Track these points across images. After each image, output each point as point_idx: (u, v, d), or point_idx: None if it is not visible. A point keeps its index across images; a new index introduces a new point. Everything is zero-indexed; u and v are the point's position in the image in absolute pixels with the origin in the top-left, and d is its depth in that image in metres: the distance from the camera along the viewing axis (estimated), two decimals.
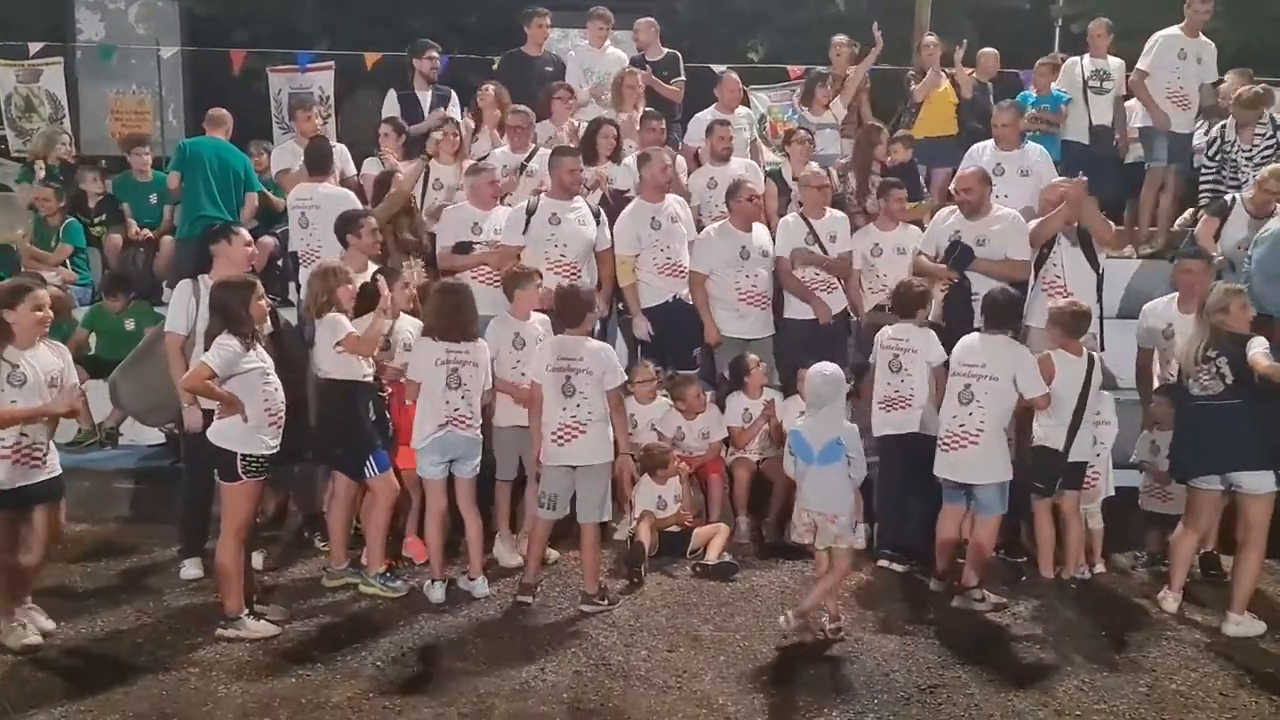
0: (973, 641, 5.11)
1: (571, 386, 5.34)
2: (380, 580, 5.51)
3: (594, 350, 5.43)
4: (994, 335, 5.52)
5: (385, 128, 7.65)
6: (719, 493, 6.49)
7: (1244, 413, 5.08)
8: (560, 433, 5.36)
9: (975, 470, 5.42)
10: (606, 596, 5.45)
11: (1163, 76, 8.21)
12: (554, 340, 5.52)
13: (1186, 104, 8.26)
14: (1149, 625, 5.32)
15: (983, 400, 5.37)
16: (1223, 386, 5.15)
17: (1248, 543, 5.21)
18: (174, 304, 5.72)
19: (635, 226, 6.76)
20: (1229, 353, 5.13)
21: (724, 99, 8.38)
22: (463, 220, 6.75)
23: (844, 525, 5.00)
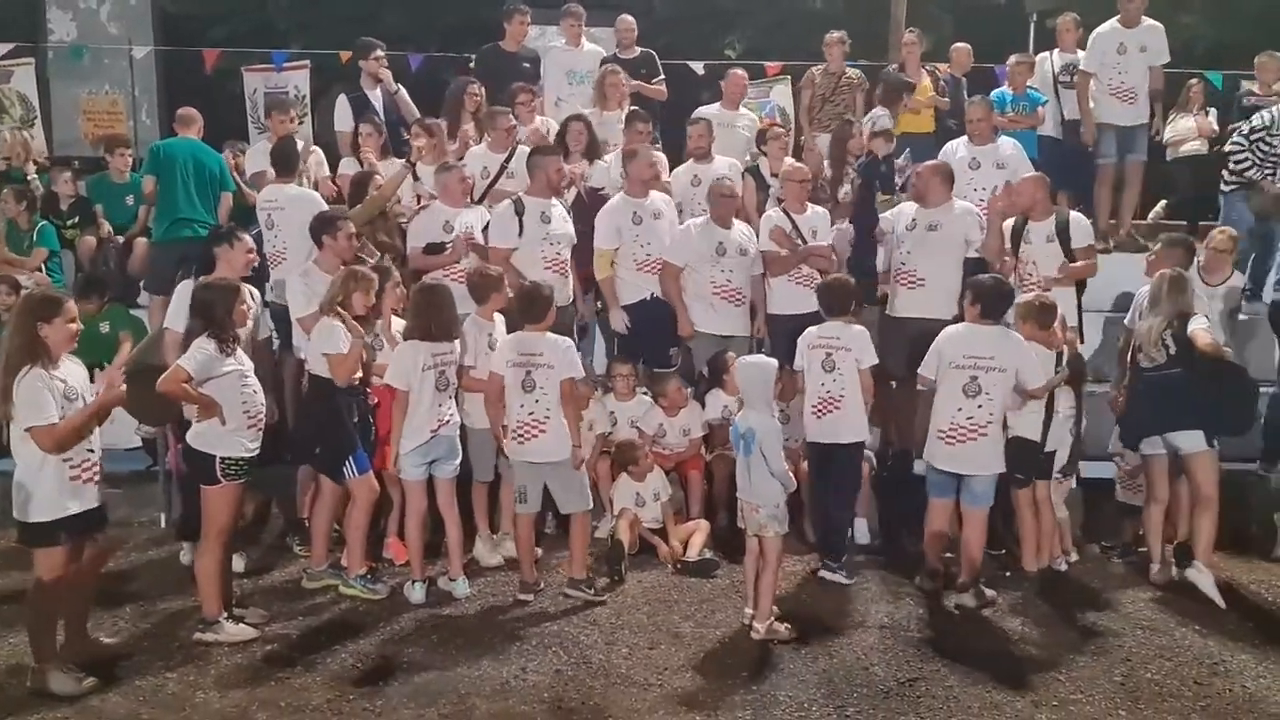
0: (951, 635, 5.15)
1: (531, 381, 5.39)
2: (361, 582, 5.50)
3: (553, 343, 5.46)
4: (990, 326, 5.51)
5: (365, 127, 7.60)
6: (699, 490, 6.52)
7: (1180, 380, 5.55)
8: (520, 430, 5.42)
9: (977, 462, 5.45)
10: (593, 586, 5.48)
11: (1105, 74, 8.24)
12: (514, 336, 5.55)
13: (1132, 97, 8.26)
14: (1124, 616, 5.38)
15: (991, 392, 5.40)
16: (1165, 357, 5.60)
17: (1199, 502, 5.61)
18: (175, 301, 5.67)
19: (616, 220, 6.77)
20: (1174, 328, 5.59)
21: (728, 96, 8.42)
22: (435, 219, 6.74)
23: (767, 515, 5.05)
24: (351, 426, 5.39)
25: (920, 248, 6.59)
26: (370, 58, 8.14)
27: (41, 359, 4.27)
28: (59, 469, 4.32)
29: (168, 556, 6.05)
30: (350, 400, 5.40)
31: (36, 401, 4.21)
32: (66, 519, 4.36)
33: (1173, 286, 5.71)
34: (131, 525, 6.51)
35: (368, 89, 8.13)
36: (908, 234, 6.66)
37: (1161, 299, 5.70)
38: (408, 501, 5.59)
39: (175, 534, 5.90)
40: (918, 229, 6.64)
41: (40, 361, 4.27)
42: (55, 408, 4.24)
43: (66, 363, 4.44)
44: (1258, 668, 4.80)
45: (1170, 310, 5.63)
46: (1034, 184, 6.72)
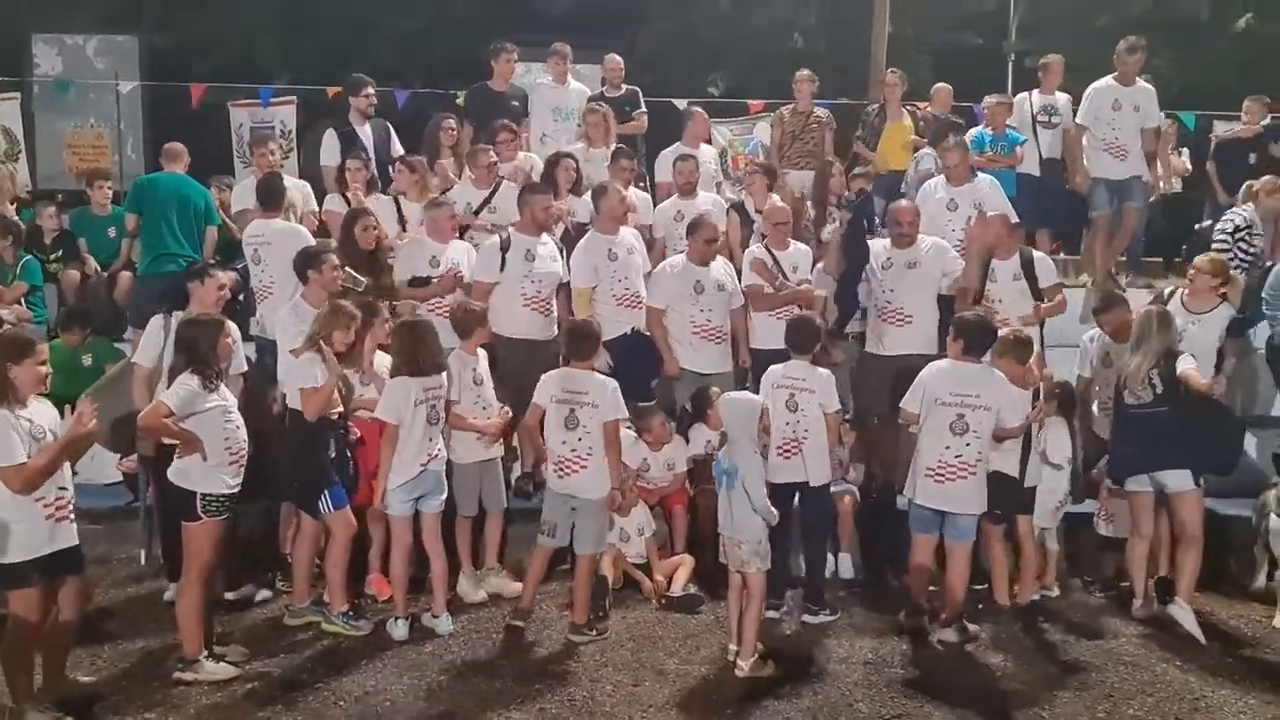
0: (935, 670, 5.16)
1: (575, 419, 5.40)
2: (343, 619, 5.46)
3: (599, 384, 5.48)
4: (974, 363, 5.53)
5: (352, 162, 7.63)
6: (683, 524, 6.51)
7: (1168, 419, 5.59)
8: (561, 465, 5.43)
9: (964, 500, 5.46)
10: (595, 628, 5.48)
11: (1099, 129, 8.28)
12: (560, 372, 5.57)
13: (1124, 154, 8.27)
14: (1106, 651, 5.39)
15: (978, 430, 5.41)
16: (1152, 396, 5.64)
17: (1184, 540, 5.65)
18: (145, 337, 5.74)
19: (592, 258, 6.81)
20: (1161, 366, 5.62)
21: (692, 134, 8.49)
22: (421, 254, 6.77)
23: (749, 551, 5.06)
24: (328, 461, 5.37)
25: (902, 284, 6.66)
26: (360, 95, 8.19)
27: (8, 399, 4.28)
28: (32, 508, 4.29)
29: (148, 593, 5.99)
30: (329, 435, 5.39)
31: (3, 443, 4.20)
32: (41, 559, 4.33)
33: (1160, 324, 5.73)
34: (111, 562, 6.45)
35: (356, 125, 8.18)
36: (885, 272, 6.73)
37: (1149, 336, 5.70)
38: (394, 537, 5.56)
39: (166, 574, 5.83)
40: (895, 267, 6.71)
41: (6, 402, 4.27)
42: (22, 448, 4.23)
43: (35, 403, 4.44)
44: (1238, 703, 4.82)
45: (1158, 348, 5.66)
46: (1000, 222, 6.81)
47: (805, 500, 5.70)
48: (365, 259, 6.54)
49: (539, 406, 5.51)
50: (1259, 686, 5.00)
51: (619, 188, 7.07)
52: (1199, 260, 6.86)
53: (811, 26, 17.13)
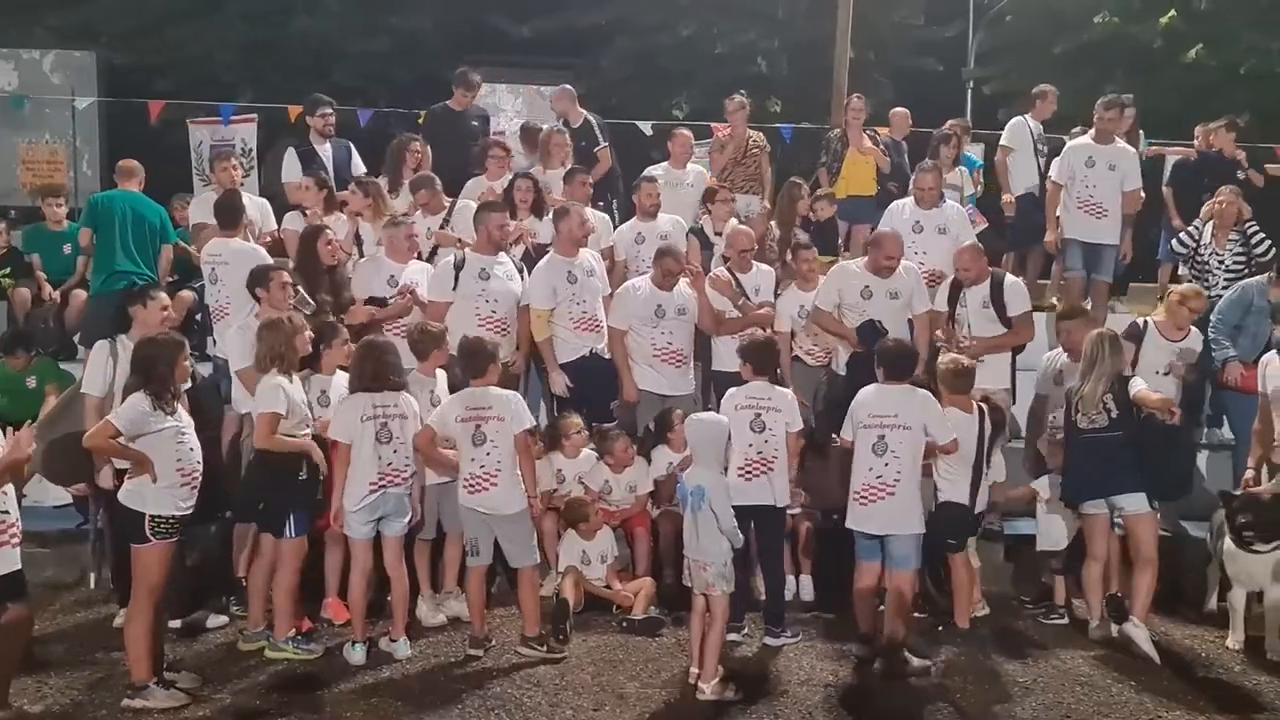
0: (895, 693, 5.16)
1: (482, 435, 5.37)
2: (293, 643, 5.36)
3: (500, 397, 5.46)
4: (895, 385, 5.55)
5: (307, 181, 7.58)
6: (645, 546, 6.46)
7: (1122, 443, 5.64)
8: (471, 482, 5.39)
9: (892, 522, 5.46)
10: (545, 643, 5.42)
11: (1074, 187, 7.97)
12: (461, 393, 5.53)
13: (1101, 212, 7.93)
14: (1062, 672, 5.42)
15: (897, 450, 5.42)
16: (1107, 420, 5.65)
17: (1140, 561, 5.70)
18: (91, 365, 5.64)
19: (551, 280, 6.77)
20: (1114, 390, 5.65)
21: (675, 155, 8.51)
22: (379, 273, 6.73)
23: (715, 573, 5.04)
24: (298, 484, 5.29)
25: (884, 315, 6.64)
26: (318, 114, 8.13)
27: None
28: None
29: (97, 618, 5.86)
30: (299, 457, 5.29)
31: None
32: None
33: (1111, 347, 5.78)
34: (60, 586, 6.30)
35: (316, 144, 8.12)
36: (865, 301, 6.71)
37: (1101, 360, 5.74)
38: (354, 560, 5.46)
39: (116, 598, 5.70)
40: (876, 297, 6.70)
41: None
42: None
43: None
44: None
45: (1111, 371, 5.70)
46: (970, 254, 6.86)
47: (764, 522, 5.69)
48: (325, 276, 6.48)
49: (430, 428, 5.46)
50: (1212, 707, 5.05)
51: (580, 209, 7.06)
52: (1175, 291, 6.92)
53: (774, 50, 17.30)
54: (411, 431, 5.48)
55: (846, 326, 6.75)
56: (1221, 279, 7.71)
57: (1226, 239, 7.80)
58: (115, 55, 14.91)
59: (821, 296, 6.89)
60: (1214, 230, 7.86)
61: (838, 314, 6.81)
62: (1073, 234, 8.05)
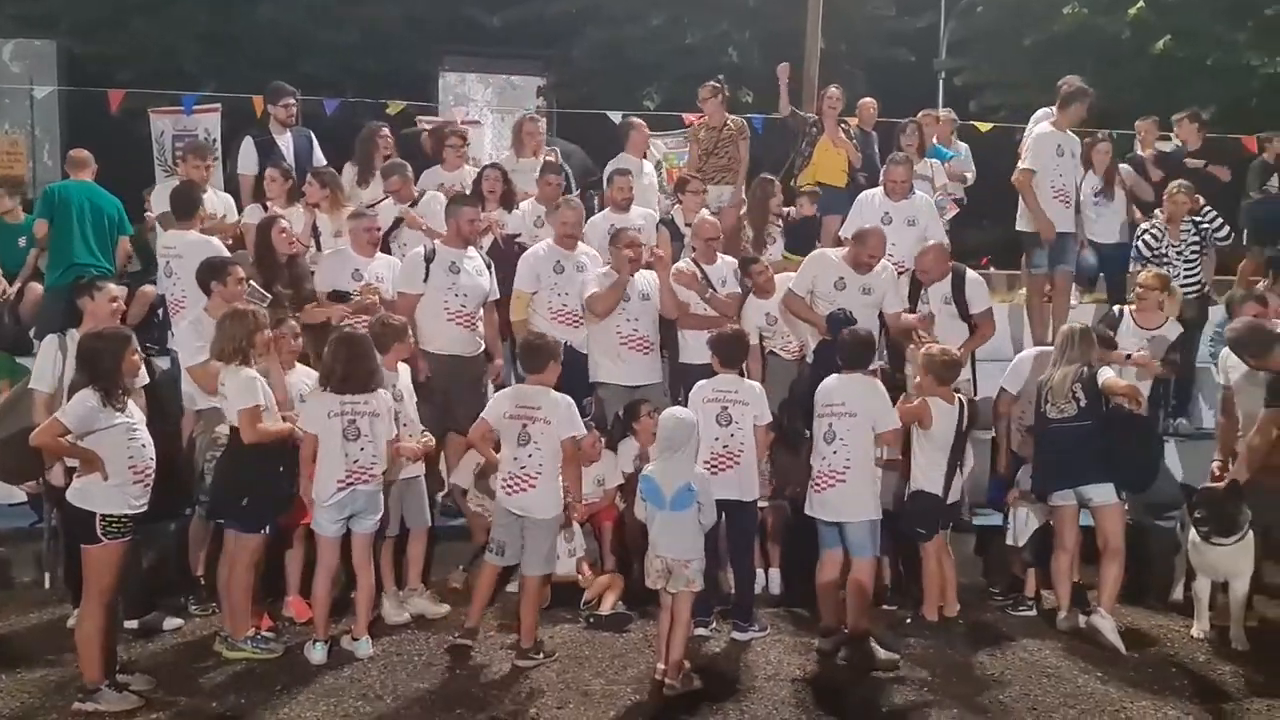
0: (862, 686, 5.14)
1: (527, 435, 5.30)
2: (252, 643, 5.26)
3: (554, 401, 5.38)
4: (851, 374, 5.56)
5: (271, 172, 7.45)
6: (613, 541, 6.42)
7: (1090, 433, 5.65)
8: (510, 481, 5.32)
9: (844, 509, 5.44)
10: (541, 651, 5.36)
11: (1046, 176, 7.82)
12: (515, 388, 5.46)
13: (1068, 202, 7.90)
14: (1030, 664, 5.42)
15: (845, 437, 5.41)
16: (1076, 410, 5.66)
17: (1108, 552, 5.72)
18: (40, 360, 5.54)
19: (537, 267, 6.77)
20: (1083, 380, 5.65)
21: (633, 145, 8.44)
22: (343, 266, 6.63)
23: (696, 570, 5.00)
24: (280, 479, 5.20)
25: (855, 308, 6.61)
26: (280, 104, 7.99)
27: None
28: None
29: (51, 619, 5.73)
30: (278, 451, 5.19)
31: None
32: None
33: (1081, 339, 5.83)
34: (14, 585, 6.18)
35: (276, 134, 7.97)
36: (838, 293, 6.68)
37: (1070, 350, 5.80)
38: (321, 557, 5.37)
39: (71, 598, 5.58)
40: (849, 290, 6.69)
41: None
42: None
43: None
44: (1157, 714, 4.87)
45: (1079, 361, 5.74)
46: (932, 256, 6.84)
47: (733, 516, 5.65)
48: (283, 268, 6.36)
49: (486, 422, 5.41)
50: (1177, 696, 5.05)
51: (575, 204, 6.99)
52: (1143, 277, 7.02)
53: (746, 41, 17.26)
54: (383, 429, 5.38)
55: (816, 313, 6.71)
56: (1182, 270, 7.75)
57: (1179, 230, 7.84)
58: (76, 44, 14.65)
59: (797, 281, 6.86)
60: (1166, 224, 7.88)
61: (810, 300, 6.78)
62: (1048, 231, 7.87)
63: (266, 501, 5.19)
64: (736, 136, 8.68)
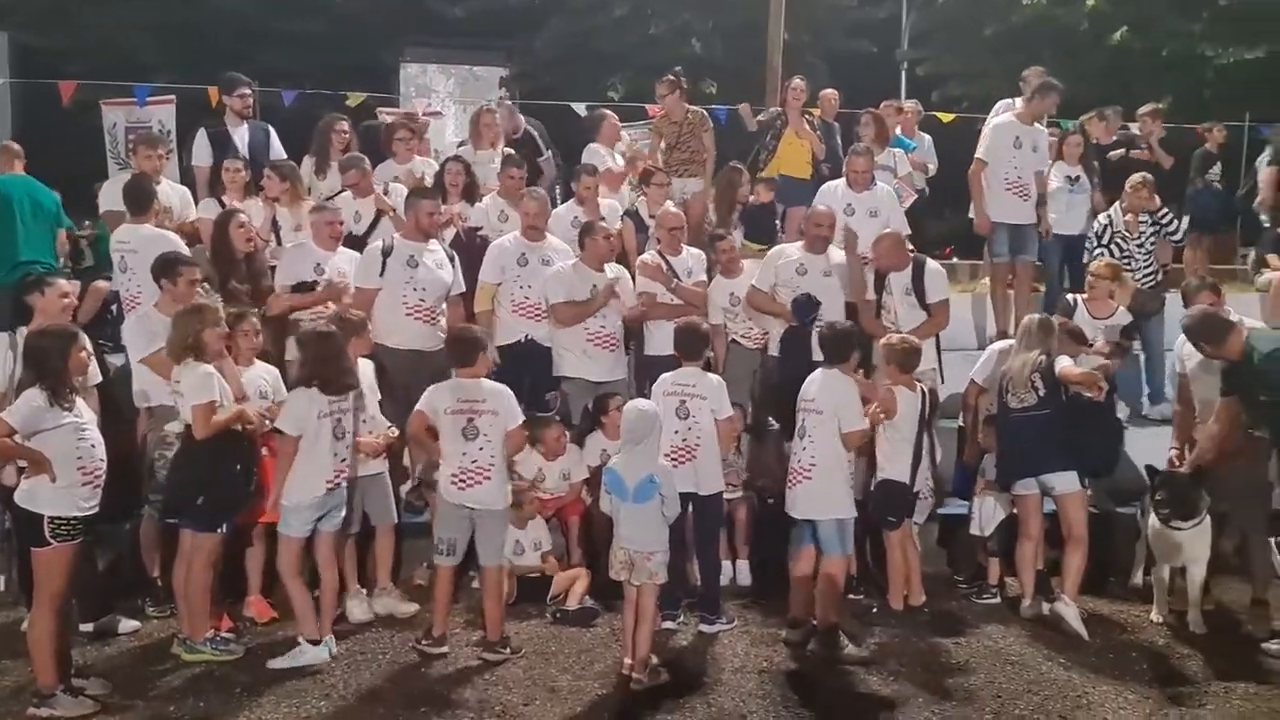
0: (828, 677, 5.15)
1: (475, 429, 5.24)
2: (212, 645, 5.17)
3: (495, 391, 5.34)
4: (831, 369, 5.56)
5: (229, 164, 7.31)
6: (579, 535, 6.39)
7: (1053, 421, 5.68)
8: (461, 477, 5.25)
9: (813, 506, 5.46)
10: (508, 645, 5.32)
11: (1000, 168, 7.88)
12: (449, 383, 5.38)
13: (1026, 194, 7.91)
14: (994, 652, 5.46)
15: (813, 434, 5.42)
16: (1036, 399, 5.71)
17: (1071, 539, 5.76)
18: None
19: (502, 258, 6.74)
20: (1042, 370, 5.69)
21: (604, 136, 8.42)
22: (305, 260, 6.53)
23: (658, 563, 4.99)
24: (237, 477, 5.10)
25: (822, 293, 6.63)
26: (235, 94, 7.85)
27: None
28: None
29: (6, 621, 5.61)
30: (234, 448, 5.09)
31: None
32: None
33: (1040, 329, 5.88)
34: None
35: (231, 126, 7.83)
36: (800, 278, 6.70)
37: (1029, 339, 5.85)
38: (290, 558, 5.22)
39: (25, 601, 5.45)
40: (811, 274, 6.69)
41: None
42: None
43: None
44: (1117, 699, 4.92)
45: (1039, 350, 5.79)
46: (886, 245, 6.85)
47: (698, 509, 5.63)
48: (240, 263, 6.26)
49: (423, 414, 5.33)
50: (1137, 681, 5.12)
51: (540, 194, 6.96)
52: (1095, 266, 7.08)
53: (709, 32, 17.25)
54: (355, 425, 5.33)
55: (780, 304, 6.72)
56: (1143, 262, 7.81)
57: (1138, 222, 7.86)
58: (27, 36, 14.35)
59: (758, 278, 6.87)
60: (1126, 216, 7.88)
61: (773, 294, 6.78)
62: (1000, 217, 8.01)
63: (224, 500, 5.10)
64: (698, 128, 8.63)
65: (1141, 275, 7.75)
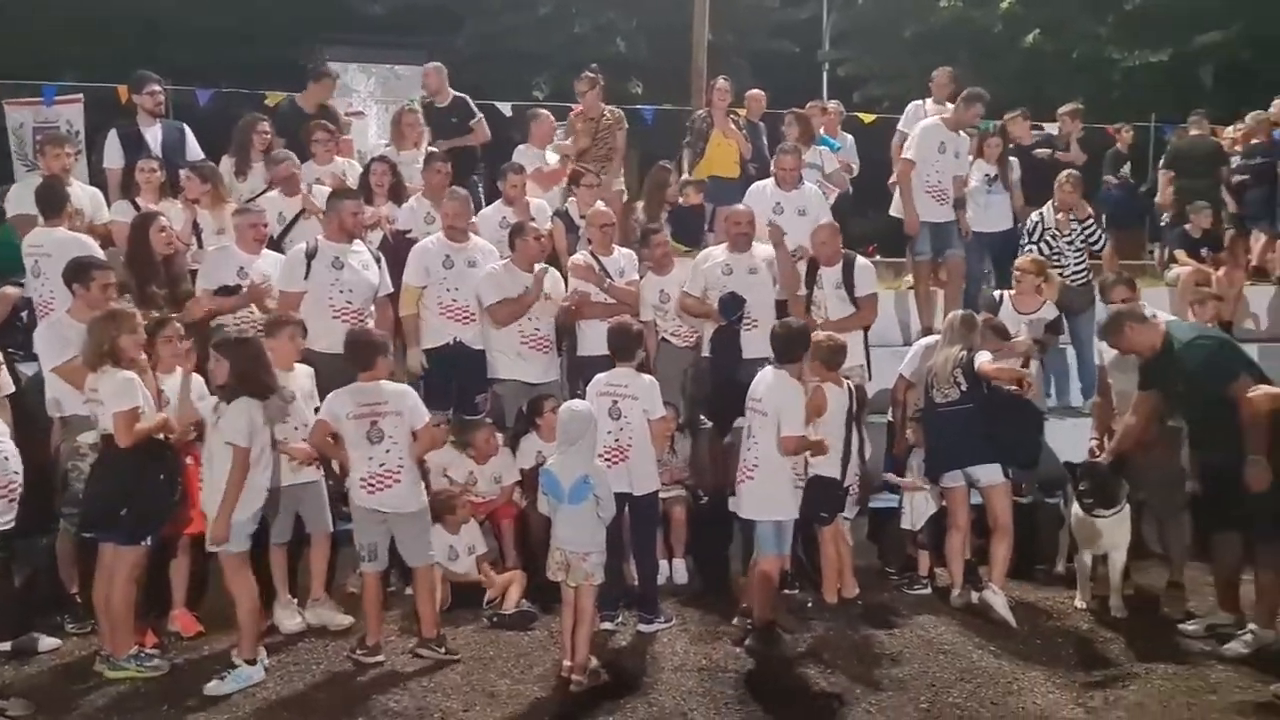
0: (766, 673, 5.19)
1: (379, 431, 5.16)
2: (134, 661, 5.01)
3: (396, 392, 5.27)
4: (781, 369, 5.59)
5: (142, 164, 7.08)
6: (513, 538, 6.35)
7: (975, 415, 5.82)
8: (370, 481, 5.17)
9: (753, 506, 5.50)
10: (444, 644, 5.27)
11: (923, 170, 8.03)
12: (349, 388, 5.28)
13: (944, 198, 8.10)
14: (926, 641, 5.56)
15: (758, 435, 5.47)
16: (959, 394, 5.85)
17: (997, 530, 5.89)
18: None
19: (426, 260, 6.65)
20: (962, 365, 5.83)
21: (537, 135, 8.37)
22: (228, 264, 6.36)
23: (594, 564, 4.99)
24: (161, 488, 4.94)
25: (746, 291, 6.69)
26: (145, 92, 7.61)
27: None
28: None
29: None
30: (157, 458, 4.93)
31: None
32: None
33: (962, 324, 6.03)
34: None
35: (144, 125, 7.58)
36: (726, 278, 6.73)
37: (951, 337, 6.00)
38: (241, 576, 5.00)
39: None
40: (737, 273, 6.74)
41: None
42: None
43: None
44: (1046, 684, 5.05)
45: (961, 346, 5.93)
46: (828, 231, 6.98)
47: (633, 509, 5.64)
48: (158, 267, 6.07)
49: (325, 423, 5.25)
50: (1064, 665, 5.26)
51: (463, 195, 6.87)
52: (1020, 262, 7.26)
53: (633, 31, 17.27)
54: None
55: (708, 306, 6.76)
56: (1073, 260, 7.98)
57: (1069, 220, 8.03)
58: None
59: (689, 283, 6.90)
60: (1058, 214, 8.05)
61: (704, 297, 6.82)
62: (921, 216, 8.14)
63: (148, 511, 4.93)
64: (614, 127, 8.66)
65: (1071, 272, 7.94)
